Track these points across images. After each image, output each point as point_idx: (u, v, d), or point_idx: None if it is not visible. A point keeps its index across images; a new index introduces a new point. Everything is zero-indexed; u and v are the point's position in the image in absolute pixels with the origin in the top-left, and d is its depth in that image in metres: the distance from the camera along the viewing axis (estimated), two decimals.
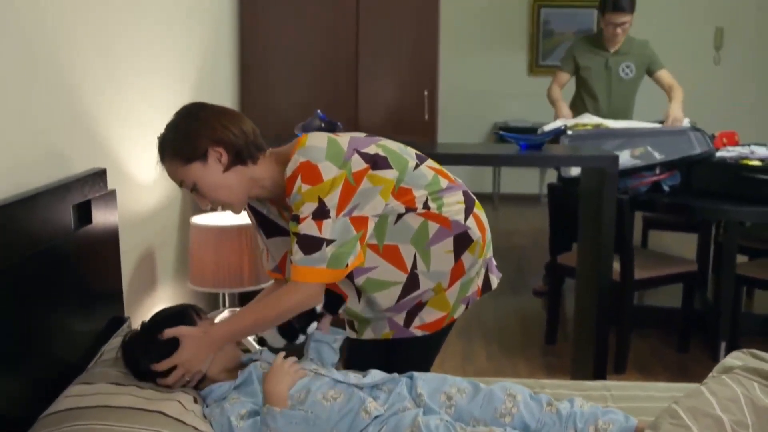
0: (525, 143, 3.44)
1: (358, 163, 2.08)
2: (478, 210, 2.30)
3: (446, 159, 3.80)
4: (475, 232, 2.24)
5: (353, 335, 2.39)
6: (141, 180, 2.77)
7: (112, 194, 2.42)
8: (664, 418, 1.88)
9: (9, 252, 1.84)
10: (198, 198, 2.14)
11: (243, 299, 2.98)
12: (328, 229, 2.03)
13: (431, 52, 4.02)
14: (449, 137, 5.83)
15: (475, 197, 2.32)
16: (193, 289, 2.88)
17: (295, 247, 2.04)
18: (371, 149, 2.13)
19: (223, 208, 2.19)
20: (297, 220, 2.05)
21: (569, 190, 4.05)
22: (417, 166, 2.19)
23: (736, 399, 1.92)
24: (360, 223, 2.08)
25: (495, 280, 2.43)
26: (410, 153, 2.23)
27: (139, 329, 2.16)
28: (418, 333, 2.31)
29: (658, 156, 4.09)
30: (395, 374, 2.15)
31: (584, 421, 2.00)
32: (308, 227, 2.03)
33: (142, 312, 2.77)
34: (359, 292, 2.22)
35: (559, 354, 4.27)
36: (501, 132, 3.78)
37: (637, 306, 4.58)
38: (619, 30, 4.82)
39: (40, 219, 2.00)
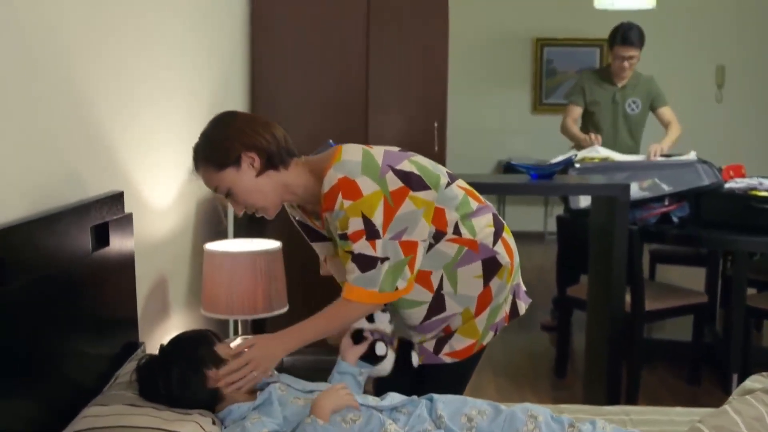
0: (536, 173, 3.45)
1: (393, 182, 2.09)
2: (507, 234, 2.31)
3: None
4: (503, 257, 2.24)
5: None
6: (155, 205, 2.78)
7: (129, 217, 2.42)
8: None
9: (29, 271, 1.84)
10: (232, 203, 2.18)
11: (255, 326, 2.97)
12: (380, 248, 2.06)
13: (440, 85, 4.05)
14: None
15: (503, 221, 2.32)
16: (206, 316, 2.86)
17: (351, 266, 2.08)
18: (405, 166, 2.14)
19: (258, 213, 2.21)
20: (346, 238, 2.06)
21: (578, 221, 4.06)
22: (448, 183, 2.20)
23: (760, 418, 1.90)
24: (409, 247, 2.10)
25: (523, 306, 2.42)
26: (441, 170, 2.25)
27: (159, 353, 2.15)
28: (448, 360, 2.30)
29: (666, 188, 4.10)
30: (414, 396, 2.13)
31: None
32: (363, 247, 2.05)
33: (155, 337, 2.75)
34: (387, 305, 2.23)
35: (569, 387, 4.24)
36: (512, 163, 3.79)
37: (645, 339, 4.56)
38: (626, 64, 4.88)
39: (59, 239, 2.00)
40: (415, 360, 2.28)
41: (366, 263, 2.06)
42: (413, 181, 2.12)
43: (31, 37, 1.94)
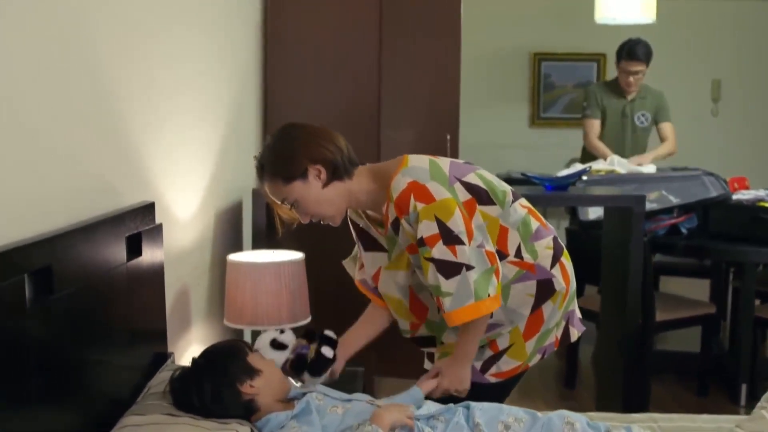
0: (550, 185, 3.48)
1: (462, 193, 2.11)
2: (566, 259, 2.31)
3: None
4: (559, 282, 2.25)
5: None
6: (179, 216, 2.79)
7: (159, 228, 2.43)
8: None
9: (72, 280, 1.85)
10: (299, 213, 2.19)
11: None
12: (464, 254, 2.04)
13: (453, 98, 4.08)
14: None
15: (563, 245, 2.32)
16: (229, 327, 2.87)
17: (433, 274, 2.06)
18: (471, 178, 2.16)
19: (324, 221, 2.23)
20: (423, 242, 2.06)
21: (589, 234, 4.09)
22: (512, 201, 2.21)
23: None
24: (492, 257, 2.10)
25: (576, 333, 2.42)
26: (506, 186, 2.25)
27: (192, 366, 2.15)
28: (493, 380, 2.33)
29: (674, 200, 4.14)
30: (451, 404, 2.15)
31: None
32: (442, 252, 2.04)
33: (181, 348, 2.76)
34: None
35: (579, 398, 4.25)
36: (527, 174, 3.82)
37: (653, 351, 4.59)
38: (632, 78, 4.95)
39: (98, 249, 2.01)
40: (329, 353, 2.32)
41: (449, 269, 2.04)
42: (481, 195, 2.14)
43: (69, 55, 1.97)
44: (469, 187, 2.13)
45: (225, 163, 3.28)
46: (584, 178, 4.23)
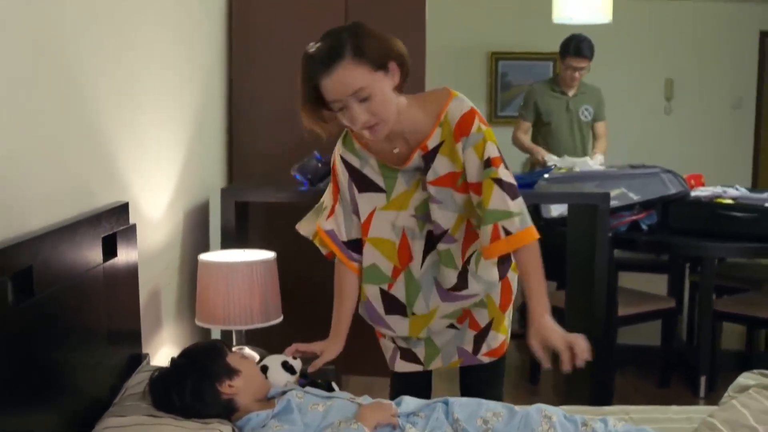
0: (518, 183, 3.52)
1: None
2: None
3: None
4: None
5: (419, 368, 2.42)
6: (151, 216, 2.77)
7: (133, 228, 2.42)
8: (702, 431, 1.94)
9: (51, 281, 1.83)
10: (361, 111, 1.99)
11: (250, 336, 2.97)
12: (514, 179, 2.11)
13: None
14: None
15: None
16: (201, 326, 2.86)
17: (500, 195, 2.05)
18: None
19: (369, 131, 2.05)
20: (490, 163, 2.06)
21: (553, 230, 4.15)
22: None
23: (766, 411, 1.99)
24: None
25: None
26: None
27: (171, 366, 2.14)
28: (486, 360, 2.36)
29: (634, 197, 4.22)
30: (429, 400, 2.17)
31: None
32: (506, 174, 2.07)
33: (154, 349, 2.74)
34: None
35: (543, 393, 4.31)
36: None
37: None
38: (576, 74, 5.08)
39: (75, 250, 2.00)
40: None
41: (513, 191, 2.08)
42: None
43: (42, 57, 1.95)
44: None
45: (192, 163, 3.27)
46: (546, 176, 4.29)
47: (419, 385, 2.47)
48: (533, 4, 7.30)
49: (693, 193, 4.26)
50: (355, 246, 2.32)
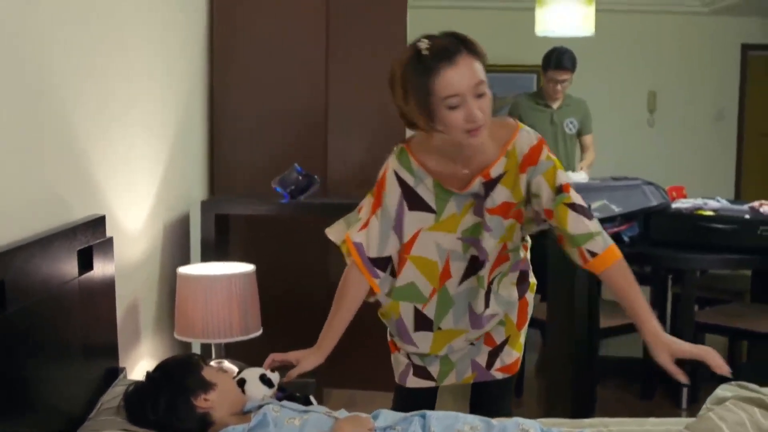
0: None
1: None
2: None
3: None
4: (532, 275, 2.36)
5: (432, 384, 2.41)
6: (129, 229, 2.76)
7: (110, 241, 2.41)
8: None
9: (24, 295, 1.82)
10: (476, 107, 1.96)
11: (229, 349, 2.96)
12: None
13: None
14: None
15: None
16: (180, 340, 2.84)
17: (576, 219, 2.08)
18: None
19: (472, 134, 1.99)
20: (561, 189, 2.10)
21: (536, 242, 4.14)
22: None
23: (742, 423, 1.99)
24: None
25: None
26: None
27: (146, 381, 2.13)
28: (499, 375, 2.38)
29: (616, 209, 4.22)
30: (406, 414, 2.16)
31: None
32: (577, 197, 2.11)
33: (132, 362, 2.73)
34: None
35: (526, 405, 4.30)
36: None
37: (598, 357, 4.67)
38: (559, 87, 5.07)
39: (50, 263, 1.99)
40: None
41: (587, 212, 2.11)
42: None
43: (18, 68, 1.94)
44: None
45: (172, 175, 3.26)
46: None
47: (426, 400, 2.44)
48: (516, 17, 7.35)
49: (674, 205, 4.26)
50: (382, 264, 2.26)
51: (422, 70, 1.95)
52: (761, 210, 4.08)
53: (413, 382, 2.43)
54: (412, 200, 2.20)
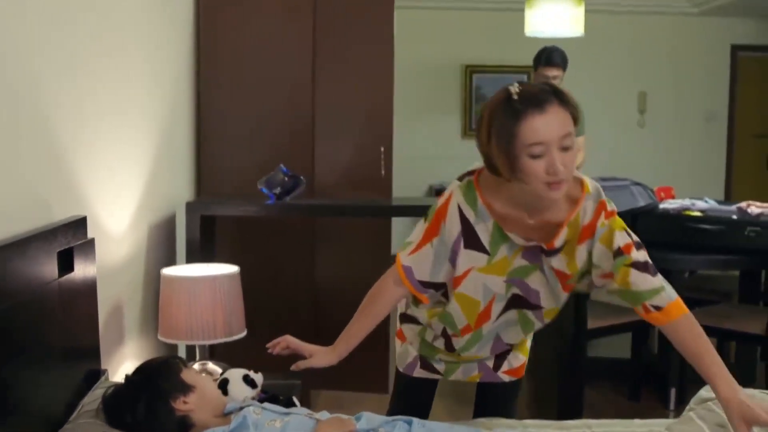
0: None
1: None
2: None
3: (407, 211, 3.86)
4: None
5: (437, 377, 2.41)
6: (112, 230, 2.75)
7: (92, 243, 2.39)
8: None
9: (2, 297, 1.80)
10: (559, 160, 1.89)
11: (214, 351, 2.94)
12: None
13: (386, 111, 4.08)
14: None
15: None
16: (163, 342, 2.83)
17: (640, 277, 2.02)
18: None
19: (555, 186, 1.92)
20: (621, 252, 2.02)
21: None
22: None
23: (723, 424, 1.99)
24: None
25: None
26: None
27: (125, 383, 2.12)
28: (506, 378, 2.38)
29: None
30: (389, 417, 2.15)
31: None
32: (641, 255, 2.04)
33: (114, 365, 2.71)
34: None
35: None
36: None
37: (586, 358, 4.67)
38: None
39: (28, 265, 1.97)
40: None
41: (651, 270, 2.05)
42: None
43: (1, 75, 1.92)
44: None
45: (158, 176, 3.25)
46: None
47: (427, 389, 2.46)
48: (506, 18, 7.35)
49: (661, 206, 4.26)
50: (434, 287, 2.21)
51: (510, 113, 1.89)
52: (749, 211, 4.09)
53: (420, 373, 2.43)
54: (469, 238, 2.13)
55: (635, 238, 2.06)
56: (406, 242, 2.21)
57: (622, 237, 2.04)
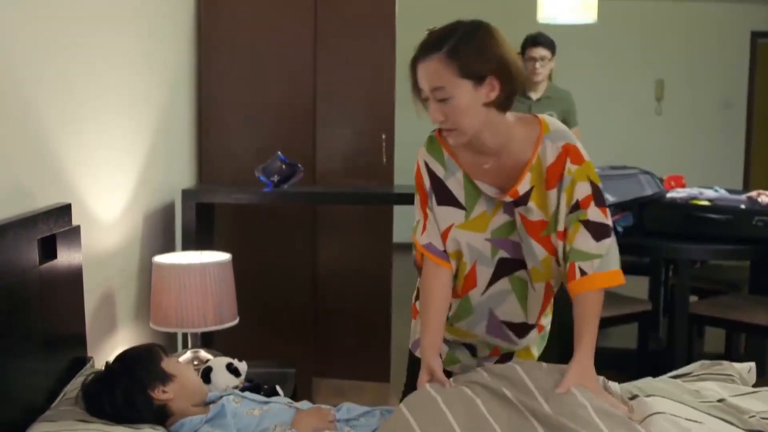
0: None
1: None
2: None
3: (409, 199, 3.80)
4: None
5: (472, 361, 2.30)
6: (102, 218, 2.73)
7: (77, 230, 2.38)
8: None
9: None
10: (435, 108, 1.91)
11: (206, 339, 2.93)
12: (610, 218, 1.97)
13: (388, 98, 4.05)
14: None
15: None
16: (155, 329, 2.82)
17: (584, 236, 1.94)
18: None
19: (447, 133, 1.95)
20: (578, 206, 1.94)
21: None
22: None
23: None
24: None
25: None
26: None
27: (105, 371, 2.11)
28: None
29: (611, 198, 4.16)
30: (370, 408, 2.13)
31: None
32: (595, 214, 1.94)
33: (104, 352, 2.71)
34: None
35: None
36: None
37: None
38: (538, 65, 4.79)
39: (6, 252, 1.96)
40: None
41: (600, 231, 1.94)
42: None
43: None
44: None
45: (154, 164, 3.23)
46: None
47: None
48: (517, 4, 7.25)
49: (669, 195, 4.20)
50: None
51: (412, 58, 1.94)
52: (759, 200, 4.01)
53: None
54: (441, 194, 2.08)
55: (601, 192, 1.96)
56: (415, 223, 2.16)
57: (583, 188, 1.95)
